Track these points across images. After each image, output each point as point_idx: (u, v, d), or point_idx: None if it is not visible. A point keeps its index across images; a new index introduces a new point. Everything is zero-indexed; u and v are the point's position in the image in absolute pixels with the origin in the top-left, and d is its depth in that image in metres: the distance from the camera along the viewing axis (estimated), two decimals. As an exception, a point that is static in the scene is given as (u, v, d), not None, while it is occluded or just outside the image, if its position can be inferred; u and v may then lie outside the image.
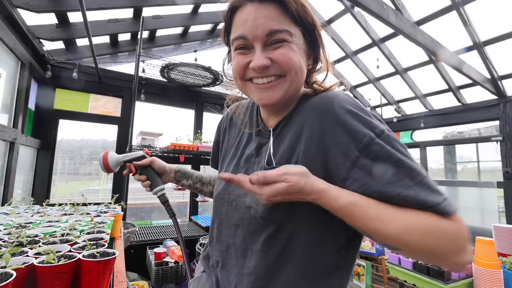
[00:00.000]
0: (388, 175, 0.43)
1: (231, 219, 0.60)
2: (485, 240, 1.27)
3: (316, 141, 0.49)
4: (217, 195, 0.65)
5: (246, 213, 0.55)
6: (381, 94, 3.84)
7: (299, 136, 0.52)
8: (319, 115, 0.50)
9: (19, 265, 0.64)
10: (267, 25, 0.48)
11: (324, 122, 0.49)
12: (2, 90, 1.80)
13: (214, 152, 0.81)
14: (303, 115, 0.54)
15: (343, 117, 0.47)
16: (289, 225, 0.50)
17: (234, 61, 0.54)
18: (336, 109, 0.48)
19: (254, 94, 0.54)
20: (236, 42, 0.52)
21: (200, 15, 2.84)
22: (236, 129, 0.71)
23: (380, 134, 0.45)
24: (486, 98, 3.17)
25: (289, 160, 0.52)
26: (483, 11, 2.45)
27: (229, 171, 0.65)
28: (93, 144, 2.67)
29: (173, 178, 0.85)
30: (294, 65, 0.50)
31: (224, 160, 0.71)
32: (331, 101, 0.50)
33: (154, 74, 2.67)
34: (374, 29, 3.08)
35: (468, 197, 3.34)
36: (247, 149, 0.64)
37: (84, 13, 1.46)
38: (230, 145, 0.71)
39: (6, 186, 1.77)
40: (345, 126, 0.46)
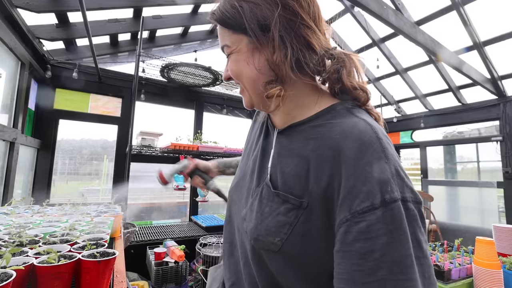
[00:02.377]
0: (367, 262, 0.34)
1: (235, 236, 0.61)
2: (485, 240, 1.27)
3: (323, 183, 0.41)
4: (230, 192, 0.66)
5: (242, 223, 0.60)
6: (381, 94, 3.84)
7: (305, 166, 0.44)
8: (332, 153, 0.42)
9: (19, 265, 0.64)
10: (222, 40, 0.52)
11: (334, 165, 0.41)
12: (2, 90, 1.80)
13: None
14: (318, 140, 0.45)
15: (356, 166, 0.38)
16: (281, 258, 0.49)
17: None
18: (348, 153, 0.40)
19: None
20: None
21: (200, 15, 2.84)
22: (255, 128, 0.70)
23: (389, 203, 0.35)
24: (486, 98, 3.17)
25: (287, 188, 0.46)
26: (483, 11, 2.45)
27: (241, 170, 0.65)
28: (93, 144, 2.67)
29: (218, 172, 0.95)
30: (239, 75, 0.50)
31: (243, 157, 0.70)
32: (347, 138, 0.41)
33: (154, 74, 2.67)
34: (374, 29, 3.08)
35: (468, 197, 3.34)
36: (255, 148, 0.62)
37: (84, 13, 1.46)
38: (249, 142, 0.71)
39: (6, 186, 1.77)
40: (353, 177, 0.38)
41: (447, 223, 3.47)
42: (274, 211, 0.45)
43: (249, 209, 0.51)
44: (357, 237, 0.35)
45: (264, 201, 0.48)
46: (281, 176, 0.47)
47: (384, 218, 0.35)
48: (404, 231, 0.35)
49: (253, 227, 0.47)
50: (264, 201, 0.48)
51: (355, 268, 0.35)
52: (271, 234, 0.44)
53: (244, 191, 0.56)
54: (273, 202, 0.46)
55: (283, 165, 0.48)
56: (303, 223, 0.42)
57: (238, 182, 0.62)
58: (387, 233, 0.34)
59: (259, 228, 0.46)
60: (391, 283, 0.33)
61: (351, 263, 0.35)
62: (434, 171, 3.84)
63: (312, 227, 0.42)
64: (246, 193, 0.55)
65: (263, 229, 0.45)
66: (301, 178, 0.44)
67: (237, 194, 0.60)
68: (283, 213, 0.44)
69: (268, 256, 0.46)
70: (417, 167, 3.97)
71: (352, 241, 0.35)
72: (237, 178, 0.63)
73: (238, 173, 0.65)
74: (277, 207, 0.45)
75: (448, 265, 1.37)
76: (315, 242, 0.42)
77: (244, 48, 0.48)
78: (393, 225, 0.35)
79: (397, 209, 0.35)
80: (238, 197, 0.58)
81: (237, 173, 0.66)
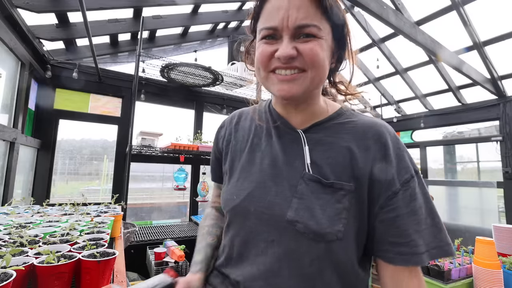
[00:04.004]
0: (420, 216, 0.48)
1: (259, 235, 0.53)
2: (485, 240, 1.27)
3: (368, 167, 0.50)
4: (237, 207, 0.56)
5: (287, 228, 0.50)
6: (381, 94, 3.85)
7: (349, 151, 0.52)
8: (373, 142, 0.52)
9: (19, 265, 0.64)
10: (298, 17, 0.47)
11: (377, 151, 0.51)
12: (2, 90, 1.80)
13: (214, 164, 0.74)
14: (354, 131, 0.54)
15: (395, 150, 0.51)
16: (341, 245, 0.49)
17: (258, 50, 0.52)
18: (389, 141, 0.52)
19: (274, 85, 0.52)
20: (264, 32, 0.51)
21: (200, 15, 2.84)
22: (244, 132, 0.65)
23: (417, 172, 0.52)
24: (486, 98, 3.17)
25: (338, 177, 0.51)
26: (483, 11, 2.45)
27: (251, 179, 0.57)
28: (93, 144, 2.67)
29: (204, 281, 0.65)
30: (318, 62, 0.49)
31: (234, 167, 0.62)
32: (383, 131, 0.53)
33: (154, 74, 2.67)
34: (374, 29, 3.08)
35: (468, 197, 3.34)
36: (268, 152, 0.58)
37: (84, 13, 1.46)
38: (239, 149, 0.63)
39: (6, 186, 1.77)
40: (395, 158, 0.51)
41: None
42: (330, 200, 0.49)
43: (299, 208, 0.49)
44: (409, 200, 0.48)
45: (316, 195, 0.50)
46: (328, 168, 0.51)
47: (419, 183, 0.50)
48: (426, 189, 0.51)
49: (316, 223, 0.48)
50: (316, 195, 0.50)
51: (413, 222, 0.47)
52: (335, 223, 0.48)
53: (273, 195, 0.53)
54: (326, 193, 0.50)
55: (326, 157, 0.52)
56: (355, 205, 0.50)
57: (253, 191, 0.55)
58: (422, 193, 0.50)
59: (324, 222, 0.48)
60: (435, 226, 0.48)
61: (408, 220, 0.47)
62: (434, 171, 3.84)
63: (361, 207, 0.50)
64: (279, 195, 0.52)
65: (326, 221, 0.48)
66: (346, 166, 0.51)
67: (258, 202, 0.54)
68: (339, 200, 0.49)
69: (331, 247, 0.48)
70: (417, 167, 3.97)
71: (407, 204, 0.48)
72: (250, 188, 0.56)
73: (248, 184, 0.57)
74: (332, 197, 0.49)
75: (448, 265, 1.37)
76: (362, 222, 0.51)
77: (330, 41, 0.52)
78: (423, 186, 0.51)
79: (420, 175, 0.52)
80: (264, 205, 0.53)
81: (244, 184, 0.57)
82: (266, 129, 0.62)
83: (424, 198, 0.50)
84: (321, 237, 0.47)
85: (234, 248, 0.58)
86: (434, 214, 0.49)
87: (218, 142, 0.71)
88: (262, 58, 0.51)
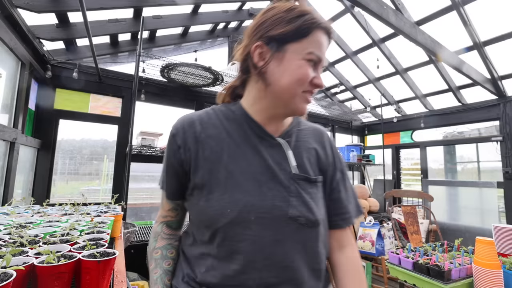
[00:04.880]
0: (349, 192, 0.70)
1: (263, 238, 0.55)
2: (485, 240, 1.27)
3: (329, 157, 0.69)
4: (235, 220, 0.55)
5: (292, 225, 0.57)
6: (381, 94, 3.85)
7: (315, 150, 0.67)
8: (325, 140, 0.71)
9: (19, 265, 0.64)
10: (324, 55, 0.61)
11: (329, 146, 0.71)
12: (2, 90, 1.80)
13: (172, 179, 0.65)
14: (312, 135, 0.70)
15: (334, 147, 0.72)
16: (323, 224, 0.63)
17: (303, 70, 0.58)
18: (331, 141, 0.73)
19: (302, 104, 0.61)
20: (311, 56, 0.58)
21: (200, 15, 2.84)
22: (215, 142, 0.61)
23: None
24: (486, 98, 3.17)
25: (314, 173, 0.65)
26: (483, 11, 2.45)
27: (243, 188, 0.57)
28: (93, 144, 2.67)
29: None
30: None
31: (214, 179, 0.58)
32: (327, 134, 0.74)
33: (154, 74, 2.67)
34: (374, 29, 3.08)
35: (468, 197, 3.34)
36: (256, 159, 0.60)
37: (84, 13, 1.46)
38: (216, 160, 0.60)
39: (6, 186, 1.77)
40: (335, 153, 0.71)
41: (447, 223, 3.47)
42: (315, 193, 0.62)
43: (298, 205, 0.58)
44: (344, 182, 0.70)
45: (306, 190, 0.60)
46: (308, 166, 0.64)
47: (346, 171, 0.72)
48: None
49: (313, 214, 0.59)
50: (306, 190, 0.60)
51: (347, 197, 0.68)
52: (321, 210, 0.62)
53: (270, 199, 0.57)
54: (312, 187, 0.62)
55: (304, 158, 0.64)
56: (322, 192, 0.66)
57: (250, 200, 0.57)
58: (347, 177, 0.72)
59: (316, 211, 0.60)
60: (355, 198, 0.70)
61: (345, 195, 0.68)
62: (434, 171, 3.84)
63: (323, 193, 0.66)
64: (276, 198, 0.58)
65: (317, 210, 0.60)
66: (316, 163, 0.66)
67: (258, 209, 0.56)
68: (319, 191, 0.64)
69: (320, 229, 0.61)
70: (417, 167, 3.97)
71: (344, 185, 0.69)
72: (246, 198, 0.56)
73: (240, 195, 0.57)
74: (316, 190, 0.63)
75: (448, 265, 1.37)
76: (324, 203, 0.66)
77: None
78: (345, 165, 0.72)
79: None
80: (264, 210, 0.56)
81: (236, 195, 0.57)
82: (245, 137, 0.62)
83: (349, 180, 0.72)
84: (316, 223, 0.59)
85: (235, 263, 0.55)
86: (353, 190, 0.72)
87: (176, 153, 0.63)
88: (306, 78, 0.58)
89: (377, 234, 2.74)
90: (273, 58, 0.58)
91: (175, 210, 0.69)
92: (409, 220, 2.74)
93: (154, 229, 0.71)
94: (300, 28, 0.57)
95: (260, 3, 3.15)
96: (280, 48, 0.58)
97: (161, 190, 0.70)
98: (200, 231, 0.60)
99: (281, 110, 0.62)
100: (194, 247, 0.63)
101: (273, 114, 0.63)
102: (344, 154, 3.67)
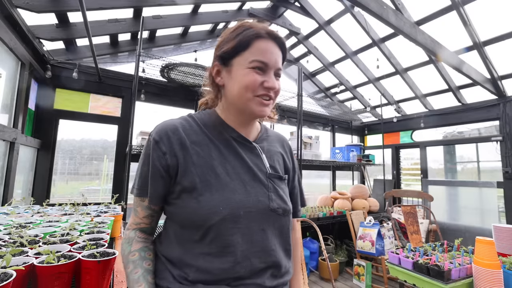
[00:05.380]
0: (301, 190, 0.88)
1: (251, 229, 0.64)
2: (485, 240, 1.27)
3: (290, 160, 0.83)
4: (227, 217, 0.61)
5: (272, 216, 0.67)
6: (381, 94, 3.85)
7: (281, 154, 0.81)
8: (286, 146, 0.86)
9: (19, 265, 0.64)
10: (278, 63, 0.68)
11: (289, 151, 0.85)
12: (2, 90, 1.80)
13: (157, 184, 0.65)
14: (277, 141, 0.83)
15: (291, 152, 0.87)
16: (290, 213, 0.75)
17: (248, 77, 0.65)
18: (290, 146, 0.88)
19: (257, 107, 0.67)
20: (256, 63, 0.65)
21: (200, 15, 2.84)
22: (202, 147, 0.67)
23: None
24: (486, 98, 3.17)
25: (282, 172, 0.77)
26: (483, 11, 2.45)
27: (231, 188, 0.64)
28: (93, 144, 2.67)
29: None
30: (277, 95, 0.72)
31: (206, 181, 0.63)
32: (287, 140, 0.89)
33: (154, 74, 2.67)
34: (374, 29, 3.08)
35: (468, 197, 3.34)
36: (239, 162, 0.69)
37: (84, 13, 1.46)
38: (204, 164, 0.65)
39: (6, 186, 1.77)
40: (292, 156, 0.86)
41: (447, 223, 3.47)
42: (285, 188, 0.75)
43: (275, 199, 0.69)
44: (298, 180, 0.86)
45: (279, 186, 0.72)
46: (278, 167, 0.76)
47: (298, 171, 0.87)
48: None
49: (287, 205, 0.71)
50: (279, 186, 0.72)
51: (299, 193, 0.86)
52: (289, 202, 0.74)
53: (253, 195, 0.67)
54: (283, 184, 0.74)
55: (274, 160, 0.76)
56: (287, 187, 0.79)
57: (238, 197, 0.64)
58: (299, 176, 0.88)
59: (288, 203, 0.72)
60: (302, 194, 0.88)
61: (298, 192, 0.85)
62: (434, 171, 3.84)
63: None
64: (258, 194, 0.67)
65: (288, 202, 0.73)
66: (282, 164, 0.79)
67: (245, 205, 0.64)
68: (286, 187, 0.76)
69: (289, 216, 0.73)
70: (417, 167, 3.97)
71: (298, 183, 0.86)
72: (234, 196, 0.63)
73: (229, 194, 0.63)
74: (285, 186, 0.75)
75: (448, 265, 1.37)
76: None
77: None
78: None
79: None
80: (250, 205, 0.65)
81: (226, 194, 0.63)
82: (226, 142, 0.70)
83: (300, 178, 0.88)
84: (288, 213, 0.71)
85: (228, 255, 0.60)
86: (302, 187, 0.88)
87: (161, 159, 0.64)
88: (254, 84, 0.64)
89: (377, 234, 2.74)
90: (226, 73, 0.69)
91: (151, 217, 0.70)
92: (409, 220, 2.74)
93: (126, 235, 0.69)
94: (240, 42, 0.65)
95: (260, 3, 3.16)
96: (228, 64, 0.68)
97: (136, 197, 0.68)
98: (189, 231, 0.63)
99: (245, 116, 0.70)
100: (178, 249, 0.64)
101: (242, 120, 0.72)
102: (344, 154, 3.67)
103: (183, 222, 0.64)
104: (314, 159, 3.28)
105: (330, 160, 3.65)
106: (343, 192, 3.70)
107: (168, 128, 0.68)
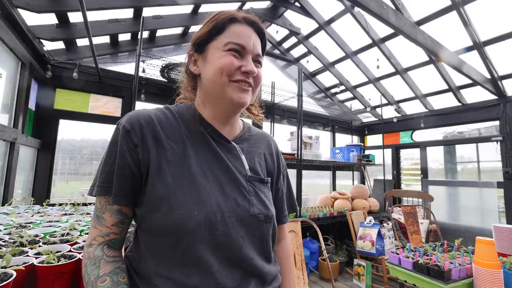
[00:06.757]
0: (290, 193, 0.82)
1: (229, 236, 0.56)
2: (485, 240, 1.27)
3: (275, 161, 0.77)
4: (202, 222, 0.53)
5: (253, 222, 0.61)
6: (381, 94, 3.85)
7: (264, 155, 0.74)
8: (272, 146, 0.78)
9: (19, 265, 0.64)
10: (257, 48, 0.63)
11: (275, 152, 0.78)
12: (3, 90, 1.80)
13: (126, 181, 0.56)
14: (261, 141, 0.75)
15: (279, 153, 0.80)
16: (273, 219, 0.68)
17: (224, 59, 0.59)
18: (277, 147, 0.81)
19: (235, 93, 0.60)
20: (231, 45, 0.60)
21: (200, 15, 2.84)
22: (176, 143, 0.59)
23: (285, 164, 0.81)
24: (486, 98, 3.17)
25: (264, 175, 0.70)
26: (483, 11, 2.45)
27: (207, 190, 0.57)
28: (93, 144, 2.67)
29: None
30: (259, 85, 0.66)
31: (178, 182, 0.56)
32: (274, 140, 0.82)
33: (154, 74, 2.67)
34: (374, 29, 3.08)
35: (468, 197, 3.34)
36: (216, 162, 0.61)
37: (84, 13, 1.46)
38: (179, 162, 0.57)
39: (6, 186, 1.77)
40: (280, 158, 0.79)
41: (447, 223, 3.47)
42: (267, 192, 0.68)
43: (256, 203, 0.63)
44: (286, 184, 0.80)
45: (260, 190, 0.66)
46: (259, 169, 0.69)
47: (287, 174, 0.83)
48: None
49: (268, 211, 0.64)
50: (261, 190, 0.66)
51: (287, 196, 0.80)
52: (272, 207, 0.67)
53: (233, 199, 0.60)
54: (264, 187, 0.67)
55: (255, 162, 0.69)
56: (272, 191, 0.73)
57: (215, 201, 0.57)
58: (288, 179, 0.83)
59: (271, 208, 0.66)
60: (293, 197, 0.84)
61: (286, 196, 0.79)
62: (434, 171, 3.84)
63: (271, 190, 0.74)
64: (238, 198, 0.60)
65: (271, 207, 0.66)
66: (265, 166, 0.72)
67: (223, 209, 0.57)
68: (269, 191, 0.69)
69: (272, 223, 0.66)
70: (417, 167, 3.97)
71: (285, 186, 0.80)
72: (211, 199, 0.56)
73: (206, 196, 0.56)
74: (267, 189, 0.69)
75: (448, 265, 1.37)
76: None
77: (262, 64, 0.68)
78: (288, 175, 0.84)
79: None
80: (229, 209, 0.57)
81: (202, 197, 0.56)
82: (204, 140, 0.62)
83: (289, 182, 0.82)
84: (270, 219, 0.65)
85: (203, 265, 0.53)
86: (292, 190, 0.83)
87: (132, 151, 0.55)
88: (230, 67, 0.58)
89: (377, 234, 2.74)
90: (202, 61, 0.63)
91: (122, 223, 0.58)
92: (409, 220, 2.74)
93: (90, 254, 0.55)
94: (214, 27, 0.61)
95: (260, 3, 3.16)
96: (203, 50, 0.63)
97: (100, 200, 0.57)
98: (161, 239, 0.54)
99: (223, 107, 0.62)
100: (152, 261, 0.55)
101: (221, 114, 0.64)
102: (344, 154, 3.67)
103: (154, 229, 0.55)
104: (314, 159, 3.28)
105: (330, 160, 3.65)
106: (343, 192, 3.70)
107: (142, 117, 0.58)
